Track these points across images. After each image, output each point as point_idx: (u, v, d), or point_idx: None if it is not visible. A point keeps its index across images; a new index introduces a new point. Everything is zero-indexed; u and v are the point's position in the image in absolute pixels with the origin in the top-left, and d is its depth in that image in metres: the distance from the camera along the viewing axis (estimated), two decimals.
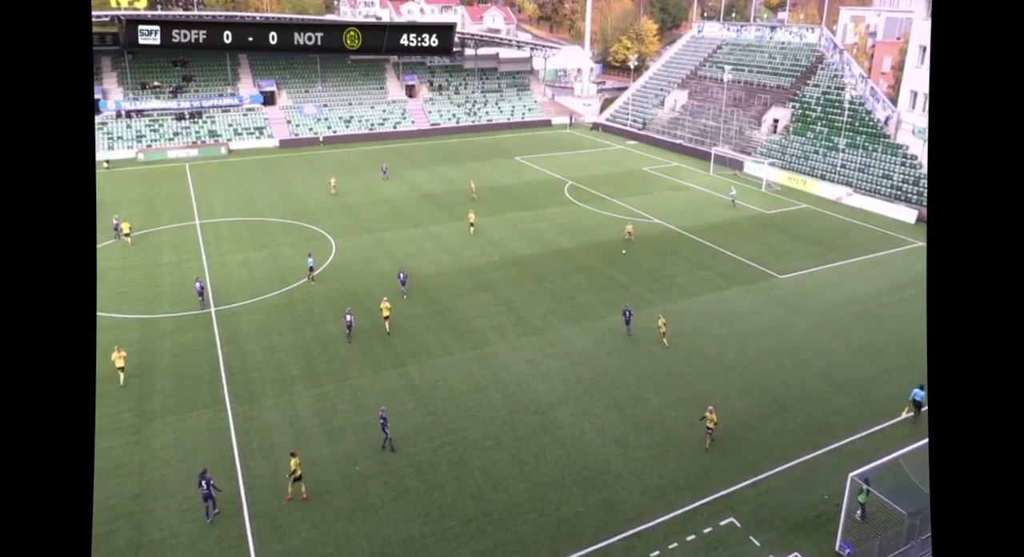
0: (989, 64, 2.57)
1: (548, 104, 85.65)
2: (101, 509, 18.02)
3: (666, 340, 26.72)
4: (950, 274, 2.72)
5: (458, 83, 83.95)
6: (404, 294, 31.62)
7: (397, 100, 78.95)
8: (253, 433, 21.39)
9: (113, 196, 49.14)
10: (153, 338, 27.45)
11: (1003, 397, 2.67)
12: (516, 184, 52.44)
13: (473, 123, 78.69)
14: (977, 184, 2.64)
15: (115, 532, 17.25)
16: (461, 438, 21.15)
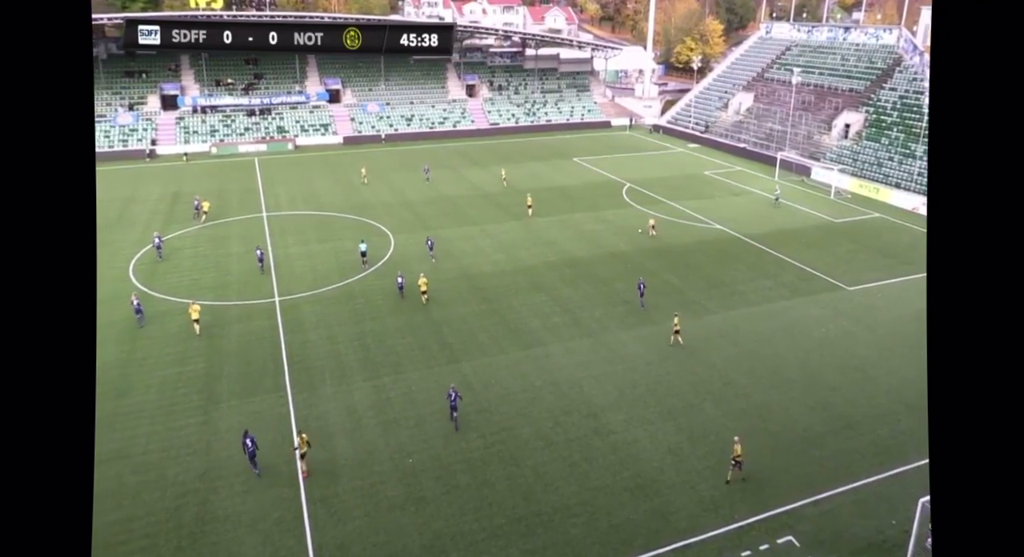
0: (990, 63, 2.53)
1: (608, 105, 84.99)
2: (171, 485, 18.94)
3: (680, 338, 26.74)
4: (950, 274, 2.67)
5: (518, 83, 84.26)
6: (433, 258, 35.20)
7: (457, 99, 79.83)
8: (312, 420, 22.01)
9: (189, 187, 51.64)
10: (222, 324, 28.62)
11: (1005, 398, 2.62)
12: (574, 185, 52.24)
13: (532, 123, 78.83)
14: (978, 184, 2.60)
15: (183, 507, 18.07)
16: (513, 437, 21.22)
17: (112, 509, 18.05)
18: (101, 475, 19.33)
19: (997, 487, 2.65)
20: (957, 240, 2.67)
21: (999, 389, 2.63)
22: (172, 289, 32.28)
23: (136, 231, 41.18)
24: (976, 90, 2.58)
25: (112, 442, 20.82)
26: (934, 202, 2.75)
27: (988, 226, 2.61)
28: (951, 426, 2.76)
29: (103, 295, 31.94)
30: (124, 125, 66.28)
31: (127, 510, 18.03)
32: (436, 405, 22.87)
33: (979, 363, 2.68)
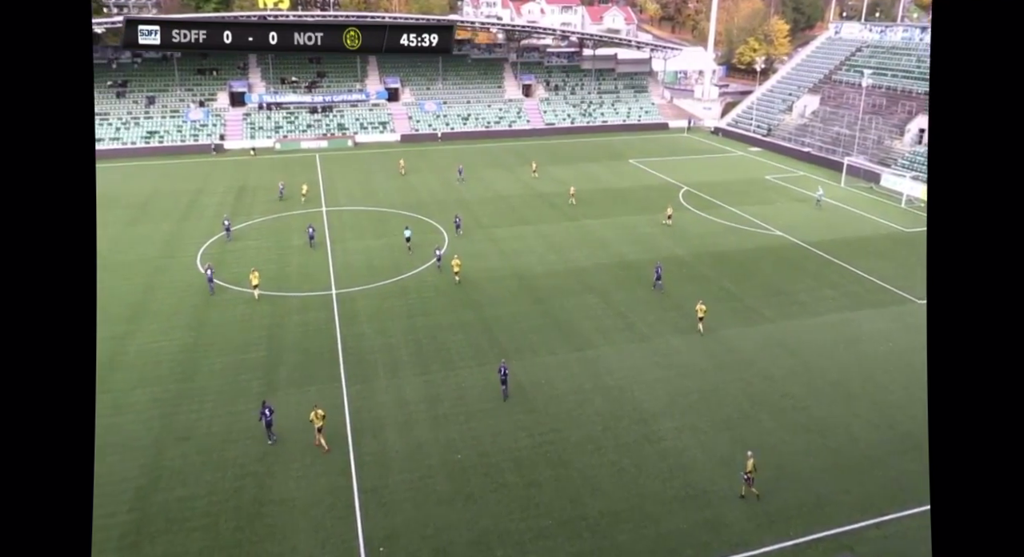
0: (990, 63, 2.51)
1: (666, 107, 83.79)
2: (231, 466, 19.71)
3: (702, 327, 27.46)
4: (950, 275, 2.65)
5: (575, 83, 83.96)
6: (459, 232, 39.67)
7: (514, 99, 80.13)
8: (365, 412, 22.51)
9: (255, 181, 53.72)
10: (281, 314, 29.58)
11: (1005, 400, 2.58)
12: (629, 187, 51.71)
13: (588, 124, 78.43)
14: (979, 185, 2.58)
15: (242, 489, 18.77)
16: (561, 439, 21.19)
17: (177, 486, 18.92)
18: (169, 453, 20.32)
19: (998, 489, 2.61)
20: (958, 240, 2.62)
21: (1001, 391, 2.60)
22: (234, 279, 33.51)
23: (204, 222, 42.95)
24: (976, 90, 2.54)
25: (178, 423, 21.82)
26: (934, 202, 2.72)
27: (989, 226, 2.56)
28: (952, 429, 2.72)
29: (174, 283, 33.48)
30: (195, 121, 69.20)
31: (191, 488, 18.85)
32: (486, 402, 23.05)
33: (980, 364, 2.63)
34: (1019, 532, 2.59)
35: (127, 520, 17.70)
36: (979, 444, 2.66)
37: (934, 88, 2.67)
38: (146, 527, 17.45)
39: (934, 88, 2.67)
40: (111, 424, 21.77)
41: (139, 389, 23.85)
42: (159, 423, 21.89)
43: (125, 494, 18.63)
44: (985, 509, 2.65)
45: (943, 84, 2.63)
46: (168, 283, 33.43)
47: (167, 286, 33.04)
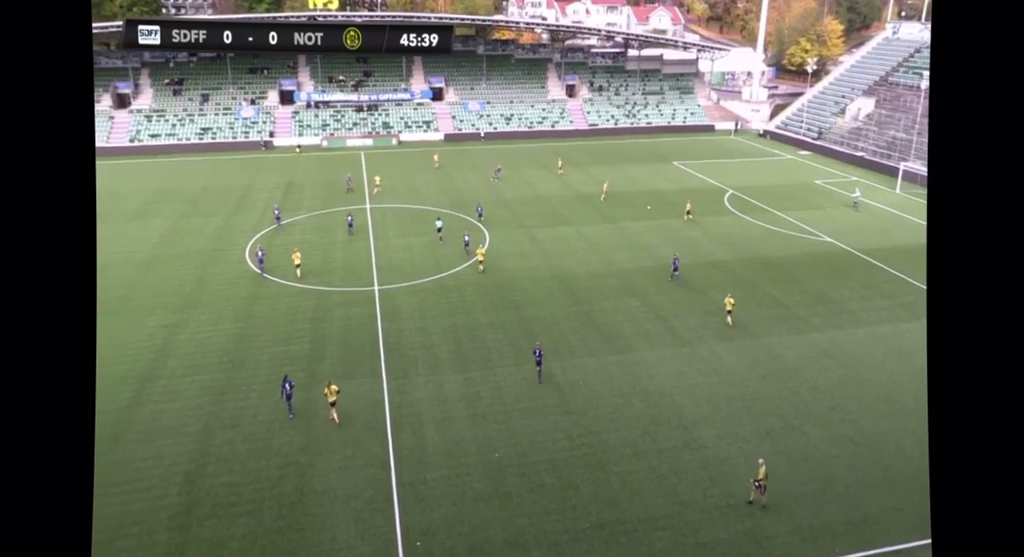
0: (990, 63, 2.49)
1: (712, 108, 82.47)
2: (275, 455, 20.20)
3: (730, 319, 28.10)
4: (951, 276, 2.64)
5: (619, 84, 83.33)
6: (481, 220, 42.03)
7: (557, 99, 79.98)
8: (404, 407, 22.78)
9: (301, 177, 55.01)
10: (326, 308, 30.18)
11: (1005, 399, 2.57)
12: (672, 190, 51.07)
13: (632, 125, 77.76)
14: (979, 185, 2.57)
15: (285, 477, 19.22)
16: (600, 442, 21.06)
17: (224, 472, 19.48)
18: (216, 440, 20.94)
19: (999, 491, 2.59)
20: (958, 242, 2.60)
21: (1001, 391, 2.59)
22: (282, 273, 34.31)
23: (254, 216, 44.14)
24: (976, 90, 2.52)
25: (226, 411, 22.46)
26: (934, 203, 2.70)
27: (990, 228, 2.55)
28: (952, 429, 2.70)
29: (224, 275, 34.47)
30: (246, 118, 71.11)
31: (236, 475, 19.39)
32: (524, 402, 23.08)
33: (980, 365, 2.61)
34: (1020, 533, 2.56)
35: (176, 502, 18.31)
36: (980, 444, 2.64)
37: (934, 88, 2.65)
38: (194, 510, 18.02)
39: (934, 88, 2.65)
40: (163, 410, 22.58)
41: (189, 377, 24.63)
42: (208, 410, 22.56)
43: (175, 477, 19.28)
44: (986, 512, 2.62)
45: (943, 84, 2.60)
46: (218, 275, 34.43)
47: (217, 278, 34.04)
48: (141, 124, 68.79)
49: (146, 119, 69.39)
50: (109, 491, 18.65)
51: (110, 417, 22.03)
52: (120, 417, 22.12)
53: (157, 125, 69.04)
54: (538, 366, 24.17)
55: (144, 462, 19.99)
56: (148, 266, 35.57)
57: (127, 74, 73.04)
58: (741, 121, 79.12)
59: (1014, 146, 2.50)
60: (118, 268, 35.05)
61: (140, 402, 23.04)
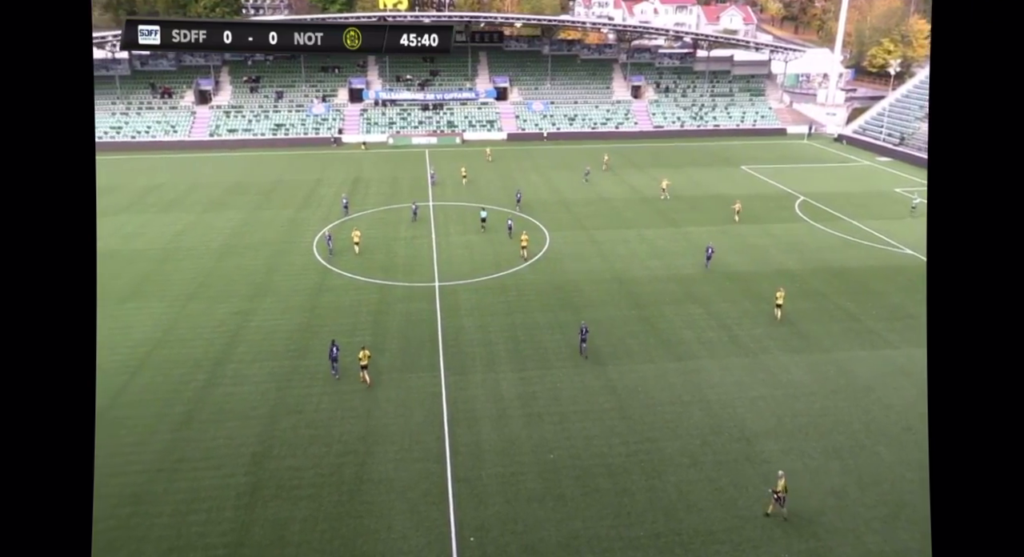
0: (991, 62, 2.46)
1: (785, 111, 79.90)
2: (336, 443, 20.81)
3: (779, 313, 28.82)
4: (951, 277, 2.61)
5: (686, 85, 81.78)
6: (518, 207, 44.33)
7: (622, 100, 79.17)
8: (461, 403, 23.06)
9: (368, 173, 56.51)
10: (388, 302, 30.88)
11: (1006, 400, 2.55)
12: (739, 195, 49.68)
13: (699, 127, 76.20)
14: (979, 186, 2.54)
15: (345, 465, 19.78)
16: (657, 449, 20.76)
17: (288, 456, 20.21)
18: (281, 425, 21.76)
19: (999, 492, 2.56)
20: (958, 243, 2.58)
21: (1001, 393, 2.54)
22: (346, 266, 35.31)
23: (322, 210, 45.58)
24: (976, 92, 2.49)
25: (291, 397, 23.29)
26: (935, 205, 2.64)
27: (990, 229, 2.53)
28: (952, 430, 2.67)
29: (292, 266, 35.72)
30: (317, 115, 73.44)
31: (299, 459, 20.08)
32: (580, 404, 22.99)
33: (980, 366, 2.59)
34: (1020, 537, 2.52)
35: (243, 482, 19.11)
36: (980, 449, 2.60)
37: (934, 88, 2.60)
38: (260, 491, 18.76)
39: (934, 88, 2.60)
40: (233, 392, 23.61)
41: (258, 363, 25.65)
42: (274, 396, 23.44)
43: (243, 458, 20.13)
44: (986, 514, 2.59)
45: (943, 84, 2.56)
46: (287, 266, 35.71)
47: (286, 269, 35.30)
48: (220, 119, 72.02)
49: (224, 115, 72.60)
50: (182, 467, 19.71)
51: (186, 396, 23.31)
52: (195, 396, 23.33)
53: (234, 120, 72.13)
54: (583, 342, 25.72)
55: (215, 441, 20.98)
56: (222, 255, 37.22)
57: (209, 71, 76.58)
58: (815, 125, 76.33)
59: (1016, 147, 2.46)
60: (196, 257, 36.88)
61: (213, 384, 24.18)
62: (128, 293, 31.98)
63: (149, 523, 17.57)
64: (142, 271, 34.86)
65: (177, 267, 35.46)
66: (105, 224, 42.53)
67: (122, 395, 23.39)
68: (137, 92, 74.62)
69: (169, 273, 34.67)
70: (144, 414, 22.31)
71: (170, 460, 20.07)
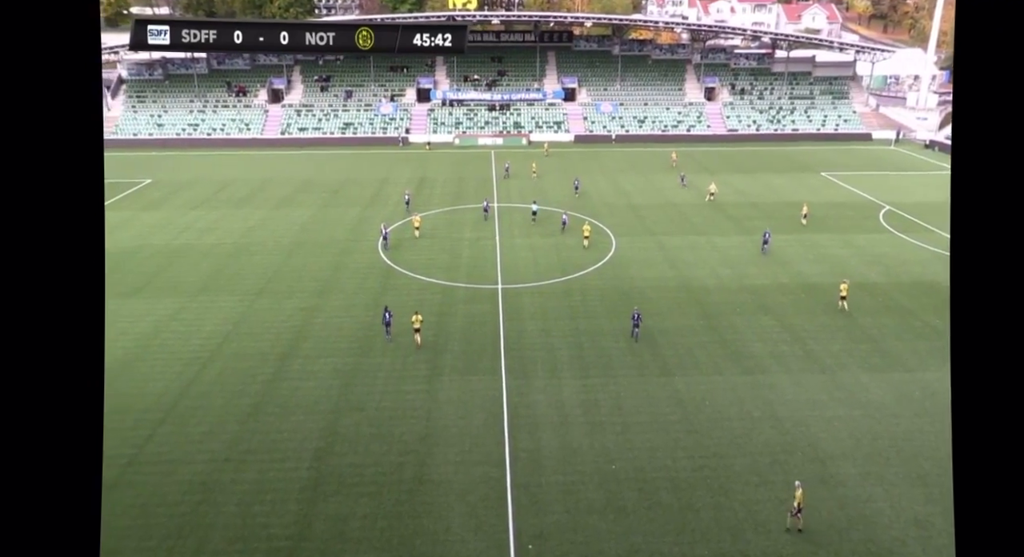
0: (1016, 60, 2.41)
1: (870, 115, 76.59)
2: (396, 442, 21.25)
3: (846, 305, 29.48)
4: (975, 276, 2.56)
5: (764, 87, 79.54)
6: (577, 195, 48.22)
7: (694, 102, 77.73)
8: (522, 407, 23.14)
9: (433, 173, 57.61)
10: (450, 303, 31.34)
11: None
12: (818, 203, 47.97)
13: (776, 131, 73.98)
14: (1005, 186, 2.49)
15: (404, 465, 20.17)
16: (724, 466, 20.26)
17: (349, 453, 20.78)
18: (344, 421, 22.39)
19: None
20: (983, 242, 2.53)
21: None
22: (410, 266, 36.03)
23: (388, 209, 46.69)
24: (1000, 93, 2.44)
25: (354, 394, 23.94)
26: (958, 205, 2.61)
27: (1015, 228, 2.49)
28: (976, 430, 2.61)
29: (358, 264, 36.74)
30: (385, 114, 75.30)
31: (360, 456, 20.61)
32: (644, 414, 22.69)
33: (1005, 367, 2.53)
34: None
35: (306, 476, 19.76)
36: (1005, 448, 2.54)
37: (957, 89, 2.51)
38: (322, 486, 19.37)
39: (957, 89, 2.51)
40: (299, 387, 24.47)
41: (323, 359, 26.49)
42: (337, 392, 24.15)
43: (306, 452, 20.82)
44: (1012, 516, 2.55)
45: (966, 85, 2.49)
46: (352, 264, 36.75)
47: (351, 267, 36.34)
48: (291, 118, 74.88)
49: (296, 113, 75.43)
50: (249, 459, 20.54)
51: (253, 389, 24.30)
52: (262, 390, 24.29)
53: (305, 119, 74.83)
54: (635, 328, 27.11)
55: (280, 434, 21.77)
56: (291, 252, 38.63)
57: (281, 71, 79.73)
58: (904, 130, 72.84)
59: None
60: (267, 253, 38.44)
61: (280, 378, 25.11)
62: (200, 287, 33.63)
63: (216, 511, 18.39)
64: (214, 265, 36.58)
65: (248, 262, 37.04)
66: (181, 218, 45.02)
67: (193, 386, 24.59)
68: (214, 90, 78.45)
69: (240, 268, 36.24)
70: (213, 405, 23.37)
71: (237, 451, 20.94)
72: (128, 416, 22.44)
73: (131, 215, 45.76)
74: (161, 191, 52.57)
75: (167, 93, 77.89)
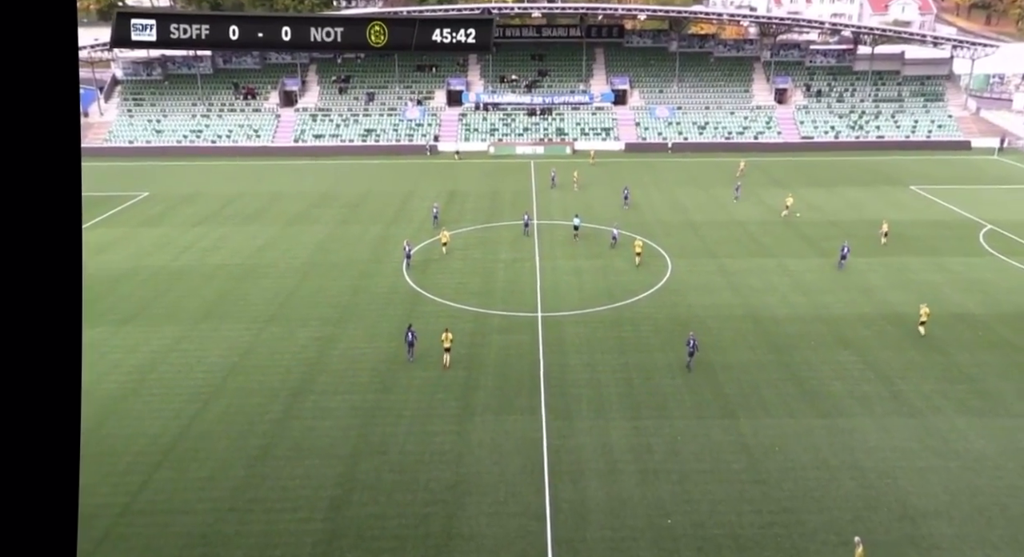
0: None
1: (969, 120, 75.69)
2: (422, 490, 21.73)
3: (923, 329, 30.66)
4: None
5: (843, 88, 79.43)
6: (626, 207, 50.88)
7: (763, 106, 77.95)
8: (564, 452, 23.48)
9: (465, 186, 58.89)
10: (483, 332, 31.99)
11: None
12: (906, 220, 47.63)
13: (857, 139, 73.70)
14: None
15: (431, 516, 20.63)
16: (796, 522, 20.26)
17: (369, 502, 21.30)
18: (363, 466, 22.95)
19: None
20: None
21: None
22: (440, 291, 36.84)
23: (413, 227, 47.84)
24: None
25: (374, 436, 24.55)
26: None
27: None
28: None
29: (379, 288, 37.73)
30: (411, 120, 77.21)
31: (382, 506, 21.11)
32: (704, 463, 22.82)
33: None
34: None
35: (321, 529, 20.21)
36: None
37: None
38: (338, 540, 19.88)
39: None
40: (313, 427, 25.12)
41: (340, 395, 27.19)
42: (356, 433, 24.72)
43: (321, 502, 21.27)
44: None
45: None
46: (374, 288, 37.73)
47: (372, 291, 37.31)
48: (306, 124, 77.18)
49: (311, 118, 77.73)
50: (256, 508, 20.98)
51: (262, 429, 24.91)
52: (271, 430, 24.87)
53: (321, 125, 77.10)
54: (690, 356, 28.02)
55: (292, 481, 22.24)
56: (305, 274, 39.82)
57: (295, 70, 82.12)
58: (1009, 137, 71.75)
59: None
60: (278, 275, 39.68)
61: (291, 417, 25.73)
62: (203, 313, 34.69)
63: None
64: (219, 289, 37.80)
65: (256, 286, 38.23)
66: (182, 237, 46.74)
67: (194, 425, 25.16)
68: (219, 92, 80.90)
69: (248, 292, 37.41)
70: (216, 447, 23.90)
71: (243, 499, 21.37)
72: (120, 460, 23.07)
73: (126, 233, 47.63)
74: (159, 206, 54.62)
75: (167, 95, 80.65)
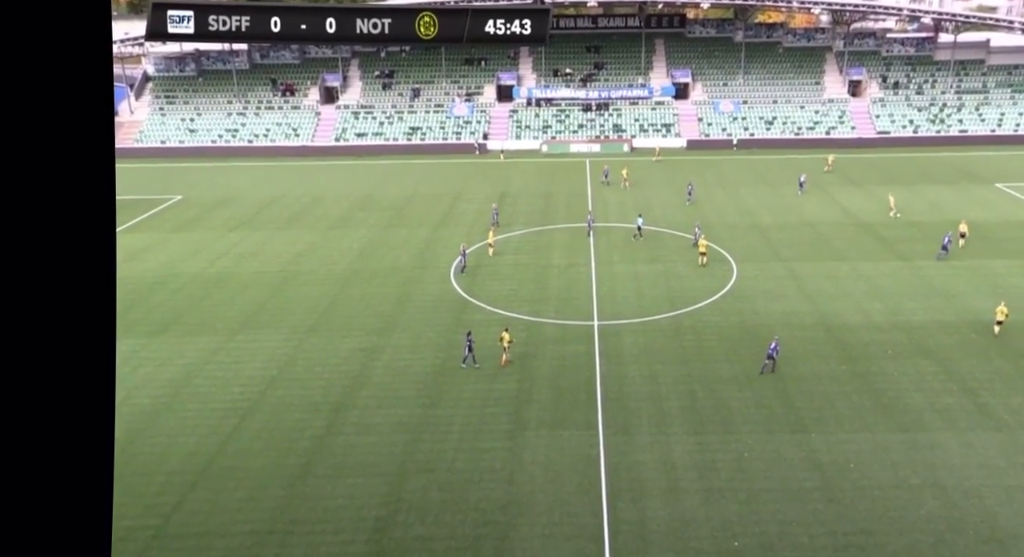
0: None
1: None
2: (472, 510, 21.95)
3: (998, 329, 30.87)
4: None
5: (923, 80, 77.93)
6: (689, 201, 51.71)
7: (836, 99, 76.96)
8: (623, 470, 23.72)
9: (517, 187, 59.64)
10: (537, 343, 32.43)
11: None
12: (993, 221, 46.67)
13: (938, 134, 72.36)
14: None
15: (482, 538, 20.88)
16: (874, 544, 20.20)
17: (416, 523, 21.48)
18: (410, 485, 23.18)
19: None
20: None
21: None
22: (490, 298, 37.42)
23: (461, 231, 48.52)
24: None
25: (421, 452, 24.80)
26: None
27: None
28: None
29: (426, 295, 38.45)
30: (459, 117, 78.20)
31: (429, 528, 21.30)
32: (773, 481, 22.85)
33: None
34: None
35: (364, 551, 20.38)
36: None
37: None
38: None
39: None
40: (356, 444, 25.39)
41: (384, 409, 27.44)
42: (401, 450, 24.85)
43: (364, 522, 21.48)
44: None
45: None
46: (420, 295, 38.44)
47: (419, 299, 37.99)
48: (348, 122, 78.64)
49: (353, 116, 79.15)
50: (296, 530, 21.22)
51: (302, 446, 25.12)
52: (312, 447, 25.06)
53: (364, 123, 78.47)
54: (768, 359, 28.73)
55: (334, 501, 22.45)
56: (347, 281, 40.58)
57: (336, 65, 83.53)
58: None
59: None
60: (319, 282, 40.46)
61: (333, 433, 25.98)
62: (241, 323, 35.25)
63: None
64: (257, 297, 38.44)
65: (297, 293, 38.99)
66: (217, 242, 48.04)
67: (231, 442, 25.52)
68: (256, 89, 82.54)
69: (287, 300, 38.04)
70: (254, 466, 24.21)
71: (283, 521, 21.62)
72: (154, 479, 23.39)
73: (158, 238, 49.00)
74: (193, 210, 56.26)
75: (201, 93, 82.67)
